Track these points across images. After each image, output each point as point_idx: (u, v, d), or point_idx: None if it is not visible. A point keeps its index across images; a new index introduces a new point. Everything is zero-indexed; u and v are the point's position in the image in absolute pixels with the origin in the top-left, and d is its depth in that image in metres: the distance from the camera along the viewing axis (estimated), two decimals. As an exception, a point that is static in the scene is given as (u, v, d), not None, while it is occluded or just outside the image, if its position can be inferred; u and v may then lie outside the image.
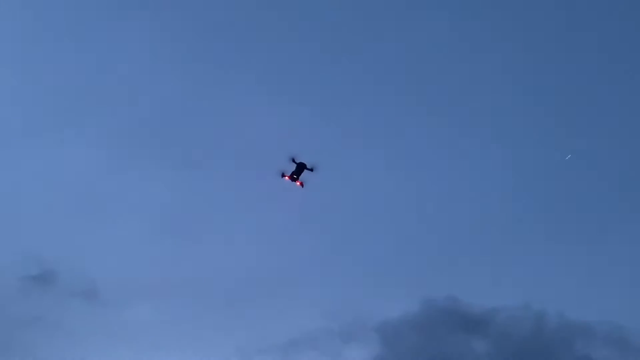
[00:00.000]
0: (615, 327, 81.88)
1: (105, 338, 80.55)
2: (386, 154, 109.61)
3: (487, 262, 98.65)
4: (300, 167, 44.17)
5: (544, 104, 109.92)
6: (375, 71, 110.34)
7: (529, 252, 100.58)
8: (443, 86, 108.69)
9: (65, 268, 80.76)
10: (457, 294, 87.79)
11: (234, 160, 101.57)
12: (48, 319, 79.43)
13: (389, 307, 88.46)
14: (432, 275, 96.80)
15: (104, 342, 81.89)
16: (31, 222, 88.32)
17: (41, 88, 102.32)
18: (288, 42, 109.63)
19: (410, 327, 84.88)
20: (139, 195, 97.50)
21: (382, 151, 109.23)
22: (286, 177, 45.09)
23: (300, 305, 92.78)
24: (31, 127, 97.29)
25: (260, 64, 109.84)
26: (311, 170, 44.40)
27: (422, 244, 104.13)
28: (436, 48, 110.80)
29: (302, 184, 45.25)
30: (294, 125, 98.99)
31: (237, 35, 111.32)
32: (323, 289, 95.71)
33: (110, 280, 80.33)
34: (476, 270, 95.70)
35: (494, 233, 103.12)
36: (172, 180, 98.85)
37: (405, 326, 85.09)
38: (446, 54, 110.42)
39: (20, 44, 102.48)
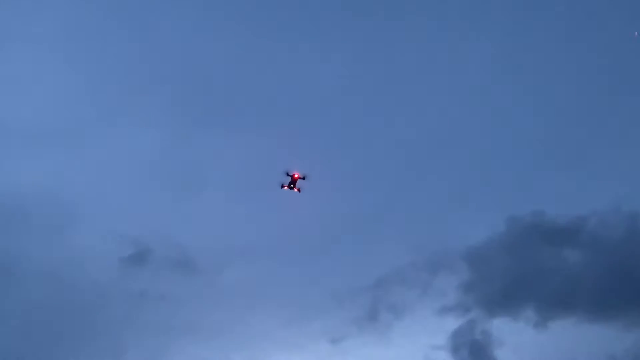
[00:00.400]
0: None
1: (205, 302, 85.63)
2: (450, 81, 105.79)
3: (571, 170, 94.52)
4: (293, 179, 52.16)
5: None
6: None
7: (614, 153, 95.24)
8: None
9: (158, 243, 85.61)
10: (543, 207, 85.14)
11: (304, 119, 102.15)
12: (151, 292, 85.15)
13: (473, 232, 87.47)
14: (515, 192, 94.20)
15: (205, 306, 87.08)
16: (119, 206, 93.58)
17: (113, 78, 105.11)
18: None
19: (497, 248, 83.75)
20: (216, 164, 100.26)
21: (446, 80, 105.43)
22: (285, 187, 53.40)
23: (386, 243, 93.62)
24: (104, 116, 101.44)
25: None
26: (303, 178, 52.68)
27: (503, 161, 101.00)
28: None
29: (299, 190, 53.49)
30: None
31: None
32: (407, 224, 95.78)
33: (201, 248, 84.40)
34: (559, 180, 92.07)
35: (574, 138, 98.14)
36: (247, 147, 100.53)
37: (492, 248, 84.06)
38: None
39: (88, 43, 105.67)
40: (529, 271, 78.99)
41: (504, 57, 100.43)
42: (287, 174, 52.95)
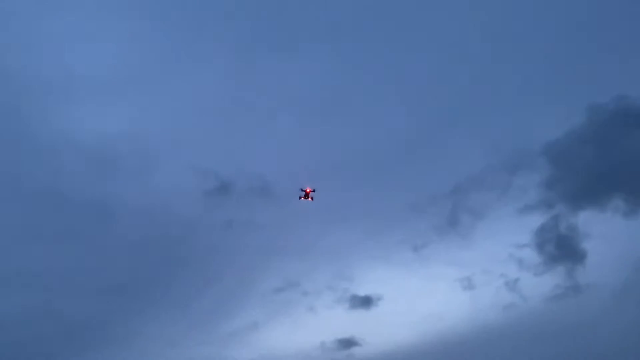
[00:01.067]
0: None
1: (288, 224, 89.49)
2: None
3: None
4: (307, 193, 70.71)
5: None
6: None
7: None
8: None
9: (238, 174, 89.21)
10: (627, 90, 79.75)
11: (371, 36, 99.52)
12: (236, 221, 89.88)
13: (552, 126, 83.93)
14: (595, 78, 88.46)
15: (288, 228, 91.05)
16: (198, 142, 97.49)
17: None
18: None
19: (579, 140, 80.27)
20: (284, 90, 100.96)
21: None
22: (302, 198, 70.70)
23: (461, 148, 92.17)
24: (174, 59, 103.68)
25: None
26: (314, 191, 70.98)
27: (581, 46, 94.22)
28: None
29: (312, 199, 70.81)
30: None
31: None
32: (480, 126, 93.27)
33: (279, 173, 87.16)
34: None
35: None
36: (313, 71, 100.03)
37: (573, 141, 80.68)
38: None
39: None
40: (615, 160, 75.61)
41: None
42: (302, 190, 70.83)
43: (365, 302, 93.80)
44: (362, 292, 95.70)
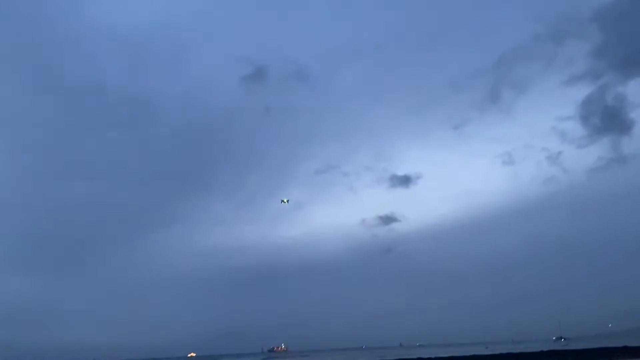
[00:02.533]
0: None
1: (326, 107, 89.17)
2: None
3: None
4: None
5: None
6: None
7: None
8: None
9: (273, 59, 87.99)
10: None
11: None
12: (274, 106, 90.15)
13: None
14: None
15: (326, 110, 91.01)
16: (230, 29, 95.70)
17: None
18: None
19: (633, 4, 74.69)
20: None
21: None
22: None
23: (504, 17, 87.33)
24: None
25: None
26: None
27: None
28: None
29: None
30: None
31: None
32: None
33: (314, 56, 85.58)
34: None
35: None
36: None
37: (626, 5, 75.16)
38: None
39: None
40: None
41: None
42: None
43: (404, 180, 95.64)
44: (401, 171, 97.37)
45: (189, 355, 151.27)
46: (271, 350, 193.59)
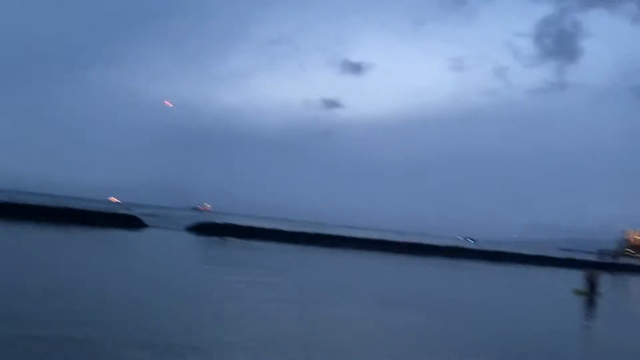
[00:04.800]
0: None
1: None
2: None
3: None
4: None
5: None
6: None
7: None
8: None
9: None
10: None
11: None
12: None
13: None
14: None
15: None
16: None
17: None
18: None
19: None
20: None
21: None
22: None
23: None
24: None
25: None
26: None
27: None
28: None
29: None
30: None
31: None
32: None
33: None
34: None
35: None
36: None
37: None
38: None
39: None
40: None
41: None
42: None
43: (356, 68, 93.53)
44: (354, 58, 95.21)
45: (110, 199, 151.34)
46: (195, 209, 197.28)
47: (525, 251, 77.86)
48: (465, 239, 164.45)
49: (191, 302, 14.46)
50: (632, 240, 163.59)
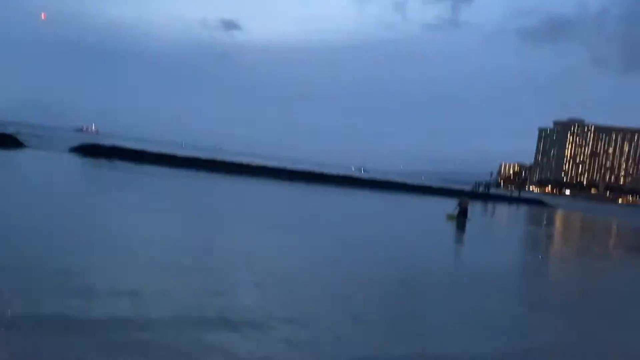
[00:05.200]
0: None
1: None
2: None
3: None
4: None
5: None
6: None
7: None
8: None
9: None
10: None
11: None
12: None
13: None
14: None
15: None
16: None
17: None
18: None
19: None
20: None
21: None
22: None
23: None
24: None
25: None
26: None
27: None
28: None
29: None
30: None
31: None
32: None
33: None
34: None
35: None
36: None
37: None
38: None
39: None
40: None
41: None
42: None
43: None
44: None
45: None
46: (80, 130, 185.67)
47: (409, 181, 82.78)
48: (358, 169, 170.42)
49: (69, 225, 13.95)
50: (505, 172, 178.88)
